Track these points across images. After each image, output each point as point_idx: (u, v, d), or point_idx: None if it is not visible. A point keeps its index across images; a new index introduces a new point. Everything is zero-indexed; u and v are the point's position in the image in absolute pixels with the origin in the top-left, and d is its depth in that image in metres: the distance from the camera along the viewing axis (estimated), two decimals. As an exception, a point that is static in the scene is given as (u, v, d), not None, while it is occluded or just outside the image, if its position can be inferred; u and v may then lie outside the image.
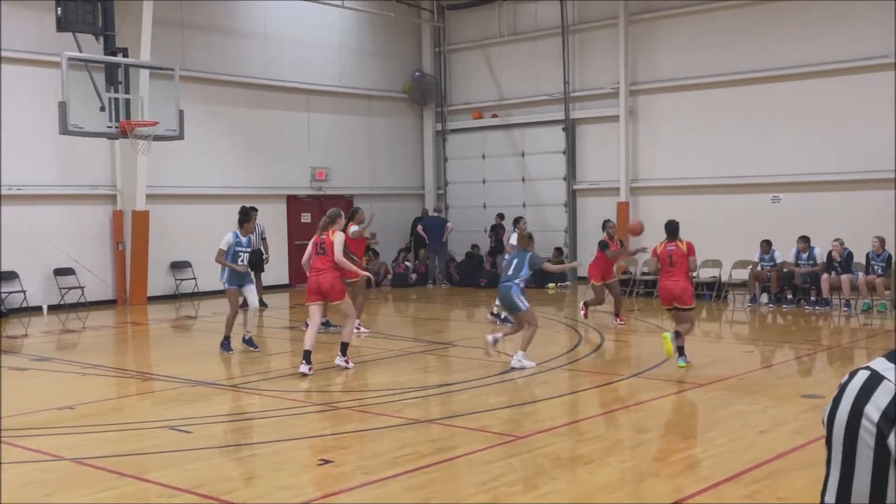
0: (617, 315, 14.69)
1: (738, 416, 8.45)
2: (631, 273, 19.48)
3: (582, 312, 14.60)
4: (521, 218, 16.08)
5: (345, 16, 22.46)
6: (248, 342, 12.49)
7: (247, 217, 12.39)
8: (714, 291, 18.09)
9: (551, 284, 20.79)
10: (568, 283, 21.29)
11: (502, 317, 13.74)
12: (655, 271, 11.29)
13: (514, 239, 13.35)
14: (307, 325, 11.19)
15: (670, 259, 10.60)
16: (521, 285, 10.75)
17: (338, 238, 10.84)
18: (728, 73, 19.44)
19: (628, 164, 20.99)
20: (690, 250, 10.68)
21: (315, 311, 10.95)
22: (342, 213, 11.44)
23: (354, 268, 11.54)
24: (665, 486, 6.29)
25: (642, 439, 7.75)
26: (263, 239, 17.64)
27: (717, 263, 18.41)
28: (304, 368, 10.48)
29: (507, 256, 11.97)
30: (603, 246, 14.60)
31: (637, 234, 12.99)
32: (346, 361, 10.92)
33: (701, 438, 7.51)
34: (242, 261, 12.20)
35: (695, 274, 12.07)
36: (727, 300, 17.95)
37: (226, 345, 12.25)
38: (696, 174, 20.02)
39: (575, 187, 22.21)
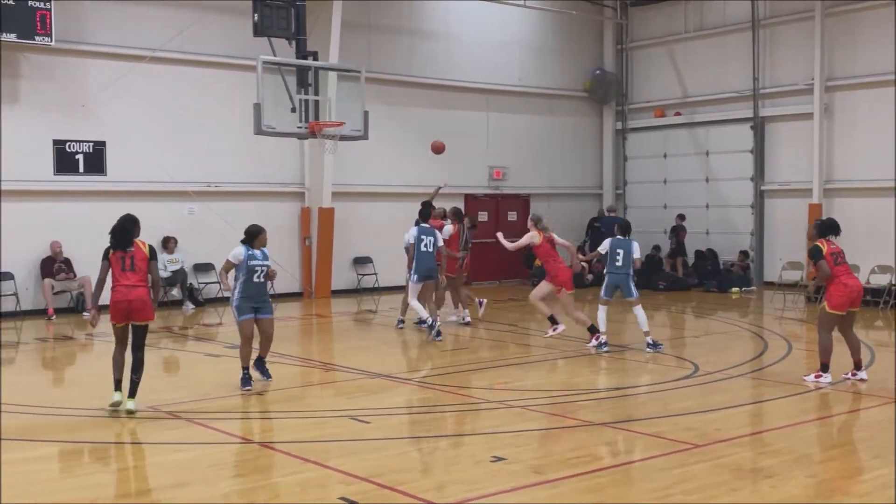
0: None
1: (941, 436, 7.83)
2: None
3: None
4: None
5: (526, 15, 22.48)
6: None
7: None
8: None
9: (735, 289, 20.03)
10: (753, 287, 20.45)
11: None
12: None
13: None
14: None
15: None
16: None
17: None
18: (936, 66, 18.06)
19: (822, 163, 19.87)
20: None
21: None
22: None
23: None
24: (856, 506, 5.92)
25: (831, 454, 7.33)
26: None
27: (919, 271, 17.14)
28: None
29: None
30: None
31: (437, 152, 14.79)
32: (596, 338, 12.27)
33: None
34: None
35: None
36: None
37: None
38: (897, 175, 18.71)
39: (763, 188, 21.28)
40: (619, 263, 12.32)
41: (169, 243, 17.39)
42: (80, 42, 16.53)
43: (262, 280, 9.72)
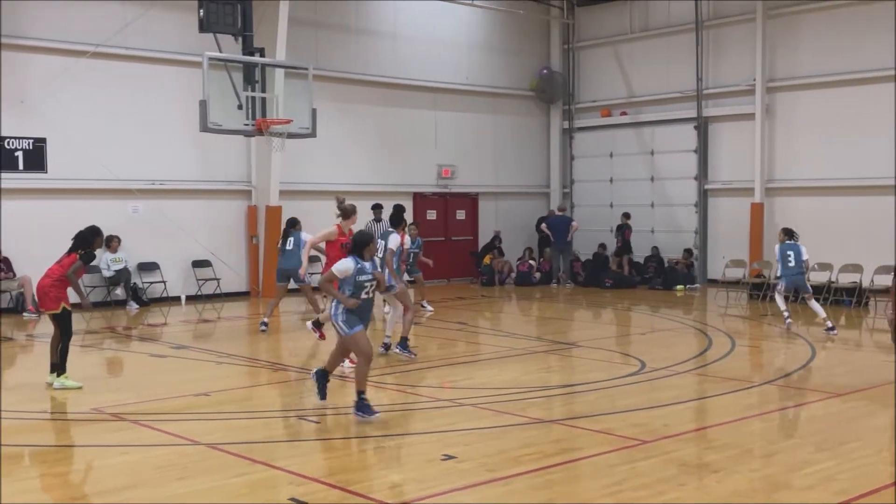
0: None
1: (879, 429, 8.04)
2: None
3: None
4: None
5: (474, 14, 22.54)
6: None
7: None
8: (854, 297, 17.27)
9: (679, 286, 20.31)
10: (697, 285, 20.77)
11: None
12: None
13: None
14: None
15: None
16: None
17: None
18: (873, 69, 18.49)
19: (764, 163, 20.27)
20: None
21: None
22: None
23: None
24: (798, 499, 6.04)
25: (774, 449, 7.46)
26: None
27: (857, 268, 17.57)
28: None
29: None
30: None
31: None
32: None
33: (838, 450, 7.18)
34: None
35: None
36: (868, 307, 17.10)
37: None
38: (837, 174, 19.11)
39: (707, 187, 21.62)
40: (792, 264, 13.56)
41: (112, 242, 17.06)
42: (20, 36, 16.15)
43: (370, 296, 8.33)
